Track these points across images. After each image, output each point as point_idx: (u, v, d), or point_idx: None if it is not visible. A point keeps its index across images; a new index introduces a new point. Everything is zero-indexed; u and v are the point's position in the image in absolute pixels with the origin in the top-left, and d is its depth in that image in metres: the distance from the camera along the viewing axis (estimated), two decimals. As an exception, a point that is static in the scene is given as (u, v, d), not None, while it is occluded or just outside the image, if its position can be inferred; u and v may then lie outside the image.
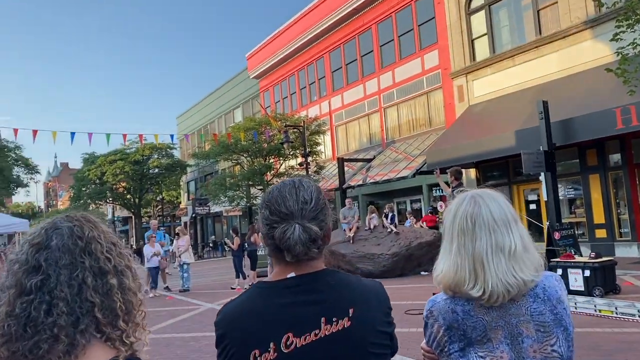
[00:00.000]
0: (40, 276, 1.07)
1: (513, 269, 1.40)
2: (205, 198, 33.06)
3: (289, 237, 1.28)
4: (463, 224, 1.44)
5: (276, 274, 1.36)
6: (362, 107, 24.58)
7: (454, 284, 1.42)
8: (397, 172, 19.56)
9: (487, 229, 1.42)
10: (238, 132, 23.93)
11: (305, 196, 1.35)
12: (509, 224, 1.45)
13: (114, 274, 1.13)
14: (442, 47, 19.88)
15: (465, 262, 1.41)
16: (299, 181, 1.40)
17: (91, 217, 1.21)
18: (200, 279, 17.77)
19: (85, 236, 1.13)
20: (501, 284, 1.38)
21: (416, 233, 14.11)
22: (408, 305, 9.00)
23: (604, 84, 12.66)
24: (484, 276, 1.39)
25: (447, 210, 1.54)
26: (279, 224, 1.30)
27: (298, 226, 1.29)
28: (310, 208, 1.34)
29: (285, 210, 1.32)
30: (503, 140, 15.05)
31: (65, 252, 1.10)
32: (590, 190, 14.58)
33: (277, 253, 1.34)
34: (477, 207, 1.45)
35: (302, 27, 27.81)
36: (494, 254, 1.40)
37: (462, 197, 1.52)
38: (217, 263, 26.63)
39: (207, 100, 41.60)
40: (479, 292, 1.38)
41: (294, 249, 1.28)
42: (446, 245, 1.49)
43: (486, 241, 1.41)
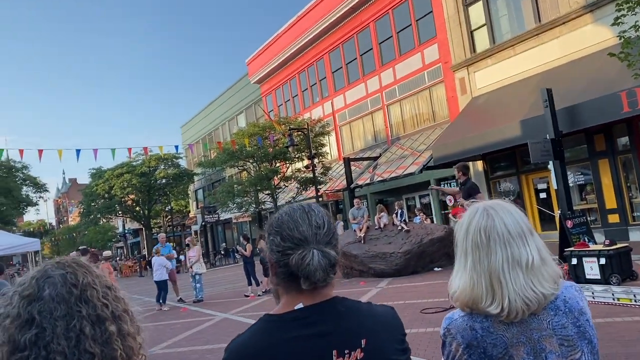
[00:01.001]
0: (35, 330, 1.00)
1: (532, 282, 1.34)
2: (214, 206, 33.12)
3: (308, 264, 1.23)
4: (477, 239, 1.39)
5: (284, 305, 1.30)
6: (365, 105, 24.51)
7: (471, 301, 1.37)
8: (404, 168, 19.47)
9: (502, 243, 1.37)
10: (242, 138, 23.93)
11: (317, 220, 1.30)
12: (524, 236, 1.39)
13: (112, 320, 1.08)
14: (441, 40, 19.78)
15: (481, 278, 1.36)
16: (308, 206, 1.35)
17: (82, 261, 1.15)
18: (214, 288, 17.76)
19: (80, 283, 1.07)
20: (520, 299, 1.33)
21: (427, 229, 14.03)
22: (423, 303, 8.94)
23: (608, 67, 12.52)
24: (502, 292, 1.33)
25: (459, 224, 1.48)
26: (294, 250, 1.25)
27: (317, 252, 1.25)
28: (324, 232, 1.29)
29: (299, 235, 1.27)
30: (509, 131, 14.93)
31: (60, 302, 1.04)
32: (600, 176, 14.44)
33: (289, 281, 1.28)
34: (490, 220, 1.39)
35: (299, 29, 27.79)
36: (510, 269, 1.35)
37: (473, 210, 1.46)
38: (229, 270, 26.63)
39: (210, 108, 41.70)
40: (497, 309, 1.33)
41: (314, 275, 1.23)
42: (461, 260, 1.43)
43: (502, 255, 1.36)
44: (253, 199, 26.15)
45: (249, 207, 26.66)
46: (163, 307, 13.48)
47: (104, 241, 53.20)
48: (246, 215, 31.98)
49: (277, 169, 25.11)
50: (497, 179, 18.13)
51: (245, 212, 28.11)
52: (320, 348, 1.22)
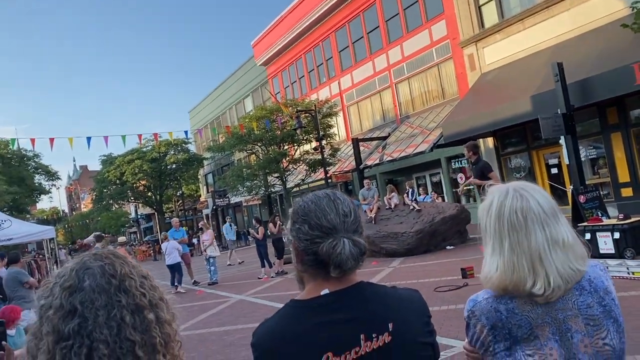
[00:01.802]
0: (77, 320, 1.04)
1: (569, 259, 1.36)
2: (224, 190, 33.27)
3: (340, 252, 1.24)
4: (514, 220, 1.37)
5: (309, 291, 1.32)
6: (373, 84, 24.33)
7: (512, 285, 1.36)
8: (414, 147, 19.39)
9: (540, 223, 1.37)
10: (250, 122, 23.90)
11: (344, 209, 1.32)
12: (557, 215, 1.40)
13: (150, 308, 1.11)
14: (449, 16, 19.50)
15: (522, 260, 1.35)
16: (333, 194, 1.36)
17: (119, 252, 1.19)
18: (227, 271, 17.95)
19: (119, 273, 1.11)
20: (560, 277, 1.34)
21: (438, 208, 14.02)
22: (436, 282, 8.98)
23: (620, 39, 12.30)
24: (545, 272, 1.34)
25: (485, 207, 1.47)
26: (324, 238, 1.27)
27: (347, 240, 1.26)
28: (351, 221, 1.31)
29: (327, 224, 1.28)
30: (519, 106, 14.78)
31: (100, 292, 1.07)
32: (612, 149, 14.29)
33: (316, 269, 1.30)
34: (525, 201, 1.39)
35: (304, 9, 27.50)
36: (551, 248, 1.35)
37: (502, 192, 1.44)
38: (241, 253, 26.83)
39: (217, 92, 41.63)
40: (541, 290, 1.33)
41: (345, 263, 1.25)
42: (495, 244, 1.41)
43: (542, 235, 1.36)
44: (262, 182, 26.23)
45: (258, 191, 26.75)
46: (179, 288, 13.65)
47: (117, 227, 53.81)
48: (256, 199, 32.12)
49: (285, 152, 25.10)
50: (507, 155, 18.01)
51: (255, 195, 28.21)
52: (348, 333, 1.24)
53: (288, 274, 13.91)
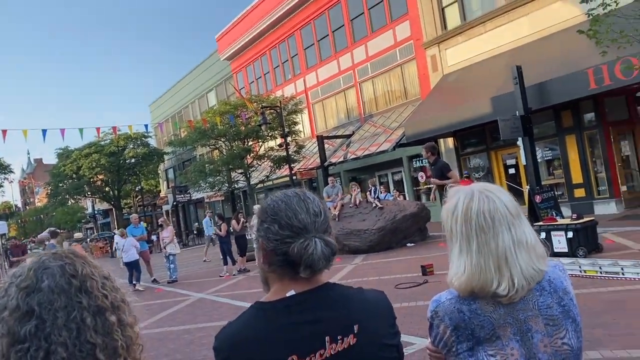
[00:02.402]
0: (35, 321, 1.00)
1: (531, 260, 1.38)
2: (185, 185, 32.75)
3: (312, 253, 1.23)
4: (482, 222, 1.39)
5: (275, 292, 1.30)
6: (338, 82, 24.41)
7: (479, 286, 1.38)
8: (377, 145, 19.57)
9: (507, 224, 1.39)
10: (213, 116, 23.60)
11: (314, 208, 1.30)
12: (521, 216, 1.42)
13: (112, 310, 1.07)
14: (412, 17, 19.74)
15: (489, 261, 1.37)
16: (303, 193, 1.34)
17: (79, 252, 1.14)
18: (188, 268, 17.70)
19: (79, 274, 1.07)
20: (523, 278, 1.36)
21: (400, 206, 14.20)
22: (397, 279, 9.10)
23: (576, 45, 12.74)
24: (510, 273, 1.36)
25: (450, 209, 1.48)
26: (294, 238, 1.25)
27: (319, 240, 1.25)
28: (322, 220, 1.30)
29: (298, 224, 1.26)
30: (479, 108, 15.13)
31: (60, 293, 1.03)
32: (567, 151, 14.80)
33: (284, 269, 1.28)
34: (491, 203, 1.40)
35: (270, 5, 27.31)
36: (516, 249, 1.37)
37: (467, 194, 1.44)
38: (202, 250, 26.51)
39: (179, 86, 40.91)
40: (506, 290, 1.35)
41: (317, 264, 1.24)
42: (462, 246, 1.42)
43: (509, 237, 1.38)
44: (225, 178, 25.94)
45: (221, 187, 26.44)
46: (138, 286, 13.38)
47: (73, 222, 52.25)
48: (219, 195, 31.75)
49: (249, 148, 24.91)
50: (467, 155, 18.40)
51: (218, 191, 27.89)
52: (313, 334, 1.23)
53: (251, 272, 13.83)
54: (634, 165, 14.51)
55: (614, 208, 13.77)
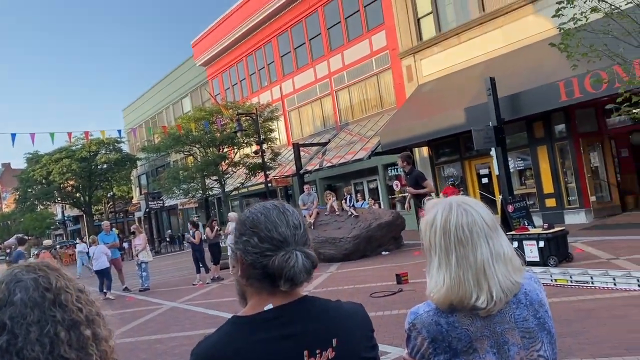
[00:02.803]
0: (6, 336, 0.97)
1: (509, 272, 1.39)
2: (159, 192, 32.32)
3: (293, 266, 1.21)
4: (461, 235, 1.39)
5: (253, 306, 1.27)
6: (314, 90, 24.48)
7: (458, 299, 1.37)
8: (353, 154, 19.65)
9: (485, 237, 1.39)
10: (188, 122, 23.39)
11: (294, 221, 1.29)
12: (497, 229, 1.43)
13: (87, 324, 1.05)
14: (388, 27, 19.95)
15: (468, 274, 1.37)
16: (282, 205, 1.33)
17: (53, 264, 1.11)
18: (160, 276, 17.43)
19: (54, 287, 1.04)
20: (501, 290, 1.37)
21: (375, 214, 14.26)
22: (372, 287, 9.11)
23: (548, 58, 13.03)
24: (488, 285, 1.36)
25: (428, 221, 1.47)
26: (274, 251, 1.23)
27: (300, 254, 1.23)
28: (301, 233, 1.28)
29: (278, 236, 1.25)
30: (453, 118, 15.34)
31: (33, 306, 1.00)
32: (538, 162, 15.09)
33: (262, 282, 1.26)
34: (470, 216, 1.40)
35: (247, 12, 27.29)
36: (494, 262, 1.38)
37: (445, 207, 1.44)
38: (175, 258, 26.18)
39: (153, 91, 40.50)
40: (485, 303, 1.35)
41: (298, 277, 1.22)
42: (440, 259, 1.42)
43: (487, 249, 1.38)
44: (200, 184, 25.70)
45: (195, 194, 26.18)
46: (109, 294, 13.11)
47: (42, 229, 50.98)
48: (192, 202, 31.43)
49: (224, 155, 24.75)
50: (441, 164, 18.61)
51: (191, 198, 27.60)
52: (291, 349, 1.21)
53: (224, 280, 13.68)
54: (602, 176, 14.87)
55: (583, 218, 14.07)
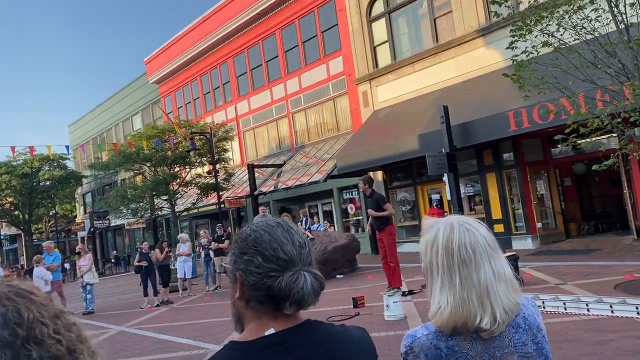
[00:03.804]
0: None
1: (510, 292, 1.38)
2: (105, 211, 31.19)
3: (302, 287, 1.15)
4: (464, 255, 1.37)
5: (252, 331, 1.20)
6: (270, 112, 24.47)
7: (462, 320, 1.34)
8: (309, 176, 19.67)
9: (487, 257, 1.38)
10: (140, 140, 22.81)
11: (299, 240, 1.22)
12: (498, 249, 1.42)
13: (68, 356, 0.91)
14: (345, 54, 20.30)
15: (472, 294, 1.34)
16: (286, 222, 1.26)
17: (21, 288, 0.94)
18: (105, 299, 16.70)
19: (25, 320, 0.88)
20: (504, 311, 1.35)
21: (330, 237, 14.26)
22: (328, 311, 9.03)
23: (498, 88, 13.58)
24: (492, 306, 1.34)
25: (429, 240, 1.45)
26: (280, 272, 1.16)
27: (308, 274, 1.17)
28: (307, 253, 1.22)
29: (284, 256, 1.18)
30: (407, 144, 15.66)
31: (4, 347, 0.85)
32: (488, 188, 15.56)
33: (264, 305, 1.18)
34: (472, 236, 1.39)
35: (203, 31, 27.15)
36: (497, 281, 1.36)
37: (447, 226, 1.42)
38: (121, 280, 25.23)
39: (102, 107, 39.42)
40: (488, 325, 1.33)
41: (307, 299, 1.16)
42: (443, 279, 1.39)
43: (490, 269, 1.37)
44: (149, 204, 24.97)
45: (144, 213, 25.41)
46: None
47: (-26, 248, 48.09)
48: (140, 222, 30.47)
49: (176, 174, 24.22)
50: (395, 188, 18.90)
51: (140, 218, 26.76)
52: None
53: (174, 304, 13.26)
54: (548, 203, 15.48)
55: (530, 243, 14.56)
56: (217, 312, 10.37)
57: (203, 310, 11.68)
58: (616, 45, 8.03)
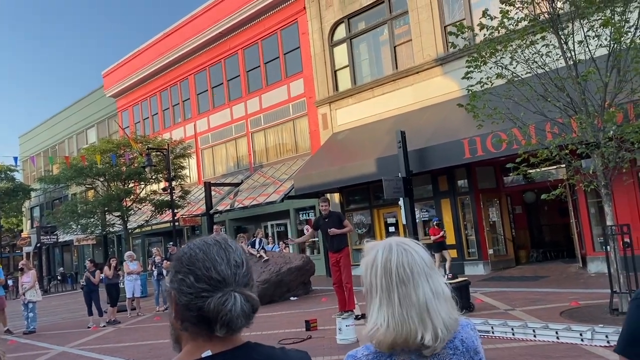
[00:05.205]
0: None
1: (449, 310, 1.40)
2: (53, 226, 30.03)
3: (230, 310, 1.10)
4: (402, 274, 1.38)
5: (188, 353, 1.15)
6: (229, 131, 24.31)
7: (403, 338, 1.35)
8: (266, 196, 19.55)
9: (425, 276, 1.40)
10: (94, 154, 22.20)
11: (236, 259, 1.18)
12: (434, 268, 1.45)
13: None
14: (306, 76, 20.47)
15: (412, 312, 1.36)
16: (224, 240, 1.22)
17: None
18: (48, 318, 15.96)
19: None
20: (445, 327, 1.37)
21: (285, 258, 14.15)
22: (280, 334, 8.91)
23: (453, 116, 13.94)
24: (432, 323, 1.35)
25: (369, 262, 1.46)
26: (211, 292, 1.12)
27: (239, 296, 1.12)
28: (243, 273, 1.17)
29: (217, 276, 1.13)
30: (365, 167, 15.83)
31: None
32: (442, 213, 15.84)
33: (199, 327, 1.14)
34: (409, 255, 1.41)
35: (165, 47, 26.90)
36: (435, 299, 1.38)
37: (386, 246, 1.44)
38: (67, 298, 24.21)
39: (56, 119, 38.28)
40: (431, 341, 1.34)
41: (235, 322, 1.11)
42: (382, 299, 1.40)
43: (428, 287, 1.38)
44: (100, 220, 24.21)
45: (94, 229, 24.59)
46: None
47: None
48: (90, 239, 29.47)
49: (130, 190, 23.64)
50: (351, 211, 18.99)
51: (90, 234, 25.88)
52: None
53: (121, 324, 12.80)
54: (499, 230, 15.88)
55: (482, 269, 14.85)
56: (165, 334, 10.02)
57: (151, 331, 11.31)
58: (565, 80, 8.41)
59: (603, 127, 8.13)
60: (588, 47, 8.29)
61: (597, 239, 12.56)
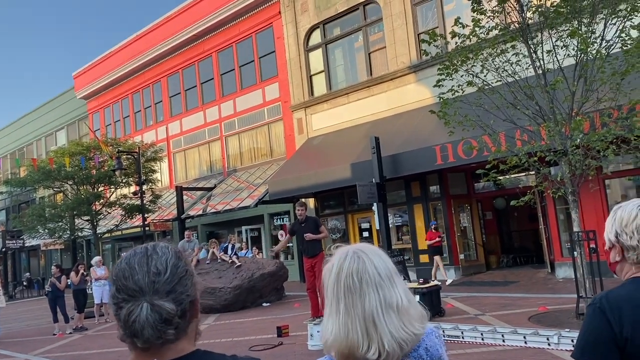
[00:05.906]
0: None
1: (403, 323, 1.34)
2: (19, 230, 29.23)
3: (134, 320, 1.06)
4: (350, 282, 1.35)
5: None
6: (202, 134, 24.08)
7: (347, 349, 1.31)
8: (239, 201, 19.40)
9: (374, 286, 1.35)
10: (62, 156, 21.70)
11: (158, 266, 1.13)
12: (392, 279, 1.40)
13: None
14: (282, 80, 20.44)
15: (356, 323, 1.32)
16: (153, 247, 1.18)
17: None
18: (12, 325, 15.50)
19: None
20: (395, 341, 1.31)
21: (258, 264, 14.05)
22: (252, 340, 8.83)
23: (426, 123, 14.08)
24: (378, 336, 1.31)
25: (328, 268, 1.44)
26: (127, 302, 1.08)
27: (146, 305, 1.08)
28: (165, 280, 1.12)
29: (133, 285, 1.10)
30: (339, 172, 15.85)
31: None
32: (415, 219, 15.97)
33: (129, 337, 1.11)
34: (361, 263, 1.37)
35: (138, 48, 26.53)
36: (384, 311, 1.33)
37: (343, 253, 1.42)
38: (33, 304, 23.59)
39: (24, 120, 37.35)
40: (375, 355, 1.29)
41: (141, 334, 1.06)
42: (332, 306, 1.37)
43: (375, 298, 1.34)
44: (68, 224, 23.65)
45: (63, 234, 24.01)
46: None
47: None
48: (58, 243, 28.77)
49: (99, 194, 23.17)
50: (326, 216, 18.99)
51: (58, 239, 25.25)
52: None
53: (88, 331, 12.51)
54: (470, 236, 16.08)
55: (453, 275, 14.99)
56: (135, 341, 9.85)
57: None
58: (534, 89, 8.57)
59: (570, 135, 8.31)
60: (556, 56, 8.47)
61: (565, 245, 12.81)
